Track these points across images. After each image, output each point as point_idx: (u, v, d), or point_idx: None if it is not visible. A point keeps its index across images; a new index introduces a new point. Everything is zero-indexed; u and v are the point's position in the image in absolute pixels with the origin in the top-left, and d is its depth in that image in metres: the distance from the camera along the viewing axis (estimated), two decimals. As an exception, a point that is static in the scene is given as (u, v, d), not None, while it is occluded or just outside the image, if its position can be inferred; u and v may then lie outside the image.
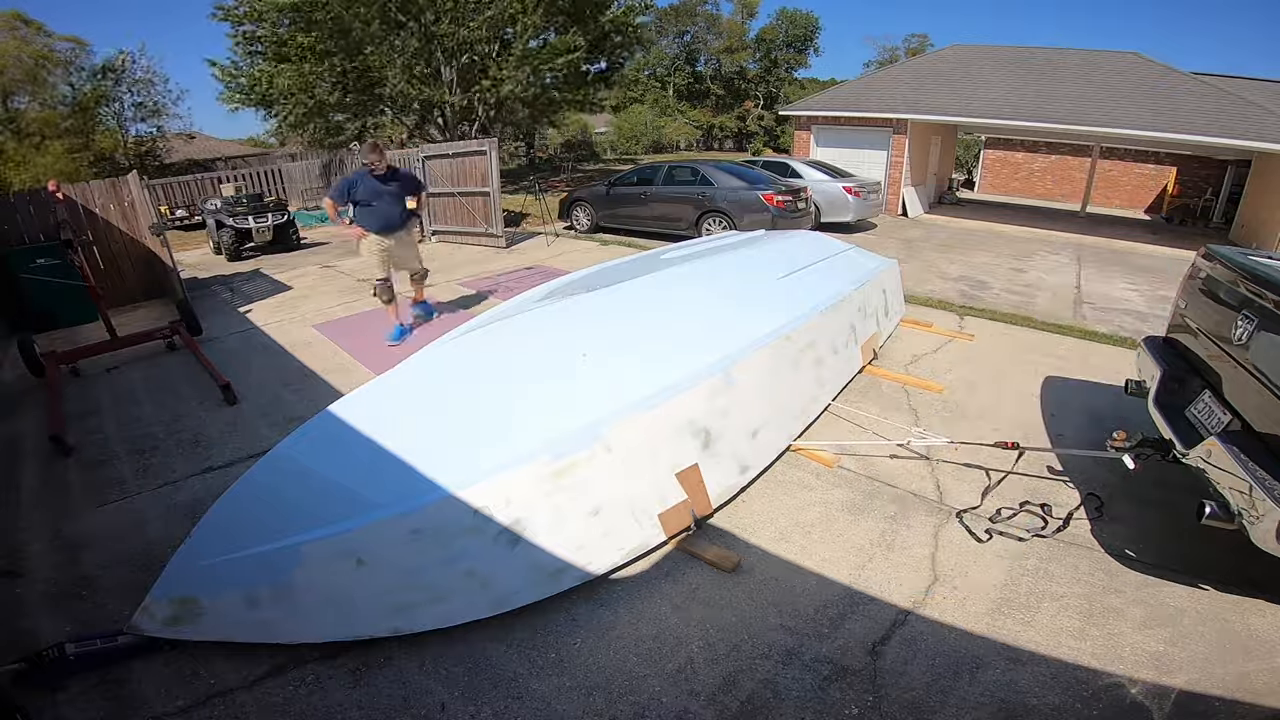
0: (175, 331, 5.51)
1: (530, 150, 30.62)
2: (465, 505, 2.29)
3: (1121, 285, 7.92)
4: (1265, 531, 2.04)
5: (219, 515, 2.41)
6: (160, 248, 7.39)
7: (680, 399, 2.83)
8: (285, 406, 4.26)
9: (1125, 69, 13.03)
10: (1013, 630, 2.30)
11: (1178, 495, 3.01)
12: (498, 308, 3.99)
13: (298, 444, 2.64)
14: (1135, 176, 19.66)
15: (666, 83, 42.96)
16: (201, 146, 24.69)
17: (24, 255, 6.36)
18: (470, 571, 2.27)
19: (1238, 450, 2.26)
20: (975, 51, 15.64)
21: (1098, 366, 4.87)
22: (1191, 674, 2.10)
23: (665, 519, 2.69)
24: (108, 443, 3.89)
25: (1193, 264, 3.21)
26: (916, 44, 42.92)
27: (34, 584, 2.63)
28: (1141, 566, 2.63)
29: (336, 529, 2.23)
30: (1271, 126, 10.28)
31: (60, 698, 2.05)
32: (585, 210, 11.18)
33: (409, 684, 2.09)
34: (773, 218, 8.78)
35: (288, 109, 13.88)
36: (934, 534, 2.85)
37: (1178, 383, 2.99)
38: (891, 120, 13.42)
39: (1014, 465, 3.33)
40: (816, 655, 2.19)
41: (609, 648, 2.24)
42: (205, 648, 2.18)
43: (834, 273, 4.78)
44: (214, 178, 14.33)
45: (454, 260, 9.20)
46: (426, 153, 10.78)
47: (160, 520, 3.03)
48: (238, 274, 8.98)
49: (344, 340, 5.65)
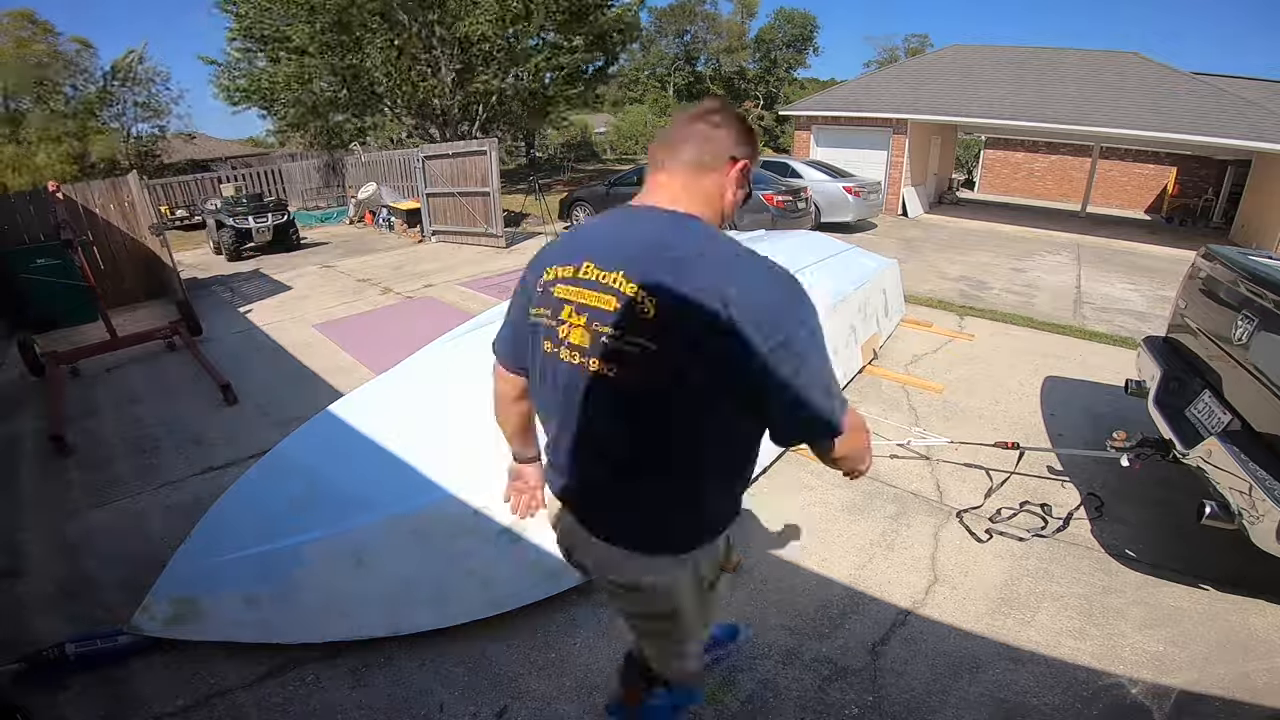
0: (175, 331, 5.51)
1: (530, 150, 30.64)
2: (465, 505, 2.29)
3: (1121, 285, 7.92)
4: (1265, 531, 2.04)
5: (219, 515, 2.41)
6: (160, 248, 7.39)
7: (680, 399, 2.83)
8: (285, 406, 4.26)
9: (1125, 69, 13.03)
10: (1013, 630, 2.30)
11: (1178, 495, 3.01)
12: (498, 308, 3.99)
13: (298, 444, 2.64)
14: (1135, 176, 19.66)
15: (666, 83, 42.98)
16: (202, 147, 24.69)
17: (24, 255, 6.36)
18: (470, 571, 2.27)
19: (1238, 450, 2.26)
20: (975, 51, 15.64)
21: (1098, 366, 4.87)
22: (1191, 674, 2.10)
23: (665, 519, 2.68)
24: (108, 443, 3.89)
25: (1193, 264, 3.20)
26: (916, 44, 42.96)
27: (34, 584, 2.63)
28: (1141, 566, 2.63)
29: (336, 529, 2.23)
30: (1271, 126, 10.29)
31: (60, 698, 2.05)
32: (585, 210, 11.19)
33: (409, 684, 2.09)
34: (773, 218, 8.79)
35: (286, 108, 13.88)
36: (934, 534, 2.85)
37: (1178, 383, 2.99)
38: (891, 120, 13.42)
39: (1015, 466, 3.34)
40: (816, 655, 2.19)
41: (609, 648, 2.23)
42: (205, 648, 2.18)
43: (834, 272, 4.77)
44: (214, 178, 14.33)
45: (454, 260, 9.20)
46: (426, 153, 10.79)
47: (160, 520, 3.03)
48: (238, 274, 8.98)
49: (344, 340, 5.65)
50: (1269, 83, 14.43)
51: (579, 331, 1.07)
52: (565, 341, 1.09)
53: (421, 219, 11.02)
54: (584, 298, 1.06)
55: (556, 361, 1.12)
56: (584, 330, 1.06)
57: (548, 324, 1.12)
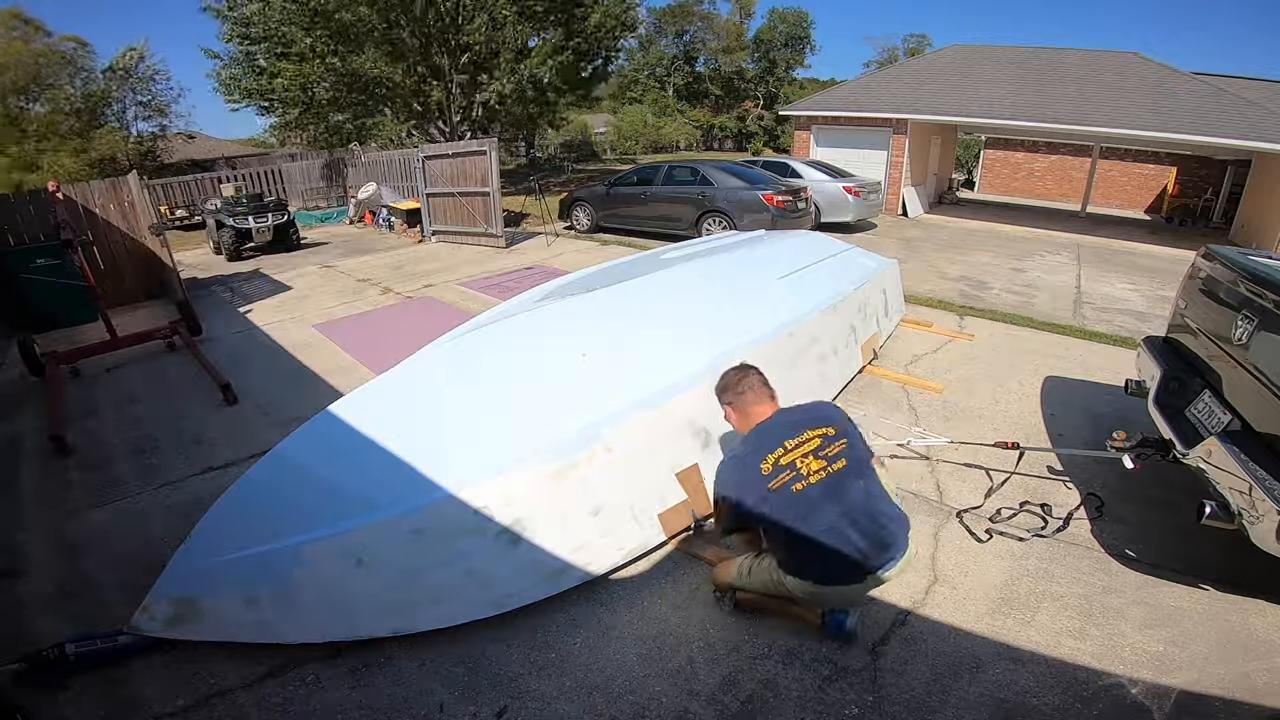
0: (175, 331, 5.51)
1: (530, 150, 30.65)
2: (465, 505, 2.29)
3: (1121, 285, 7.92)
4: (1265, 531, 2.04)
5: (219, 515, 2.41)
6: (160, 248, 7.40)
7: (680, 399, 2.83)
8: (285, 406, 4.26)
9: (1125, 69, 13.03)
10: (1013, 630, 2.30)
11: (1178, 495, 3.01)
12: (498, 308, 3.99)
13: (298, 444, 2.64)
14: (1135, 176, 19.66)
15: (666, 83, 42.99)
16: (202, 146, 24.72)
17: (24, 255, 6.36)
18: (470, 571, 2.27)
19: (1238, 450, 2.26)
20: (975, 51, 15.64)
21: (1098, 366, 4.87)
22: (1191, 674, 2.10)
23: (665, 519, 2.69)
24: (108, 443, 3.89)
25: (1193, 264, 3.20)
26: (916, 44, 43.01)
27: (34, 584, 2.63)
28: (1141, 566, 2.63)
29: (336, 529, 2.23)
30: (1271, 126, 10.29)
31: (60, 698, 2.05)
32: (585, 210, 11.19)
33: (409, 684, 2.09)
34: (773, 218, 8.78)
35: (286, 108, 13.88)
36: (934, 534, 2.85)
37: (1178, 383, 2.99)
38: (891, 120, 13.42)
39: (1015, 466, 3.34)
40: (816, 655, 2.19)
41: (609, 648, 2.24)
42: (205, 648, 2.18)
43: (834, 273, 4.77)
44: (214, 178, 14.34)
45: (454, 260, 9.20)
46: (426, 153, 10.79)
47: (160, 520, 3.03)
48: (238, 274, 8.98)
49: (344, 340, 5.65)
50: (1269, 83, 14.44)
51: (812, 461, 2.03)
52: (807, 475, 2.01)
53: (421, 219, 11.02)
54: (800, 449, 2.03)
55: (807, 485, 2.00)
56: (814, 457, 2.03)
57: (786, 479, 2.00)
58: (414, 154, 11.21)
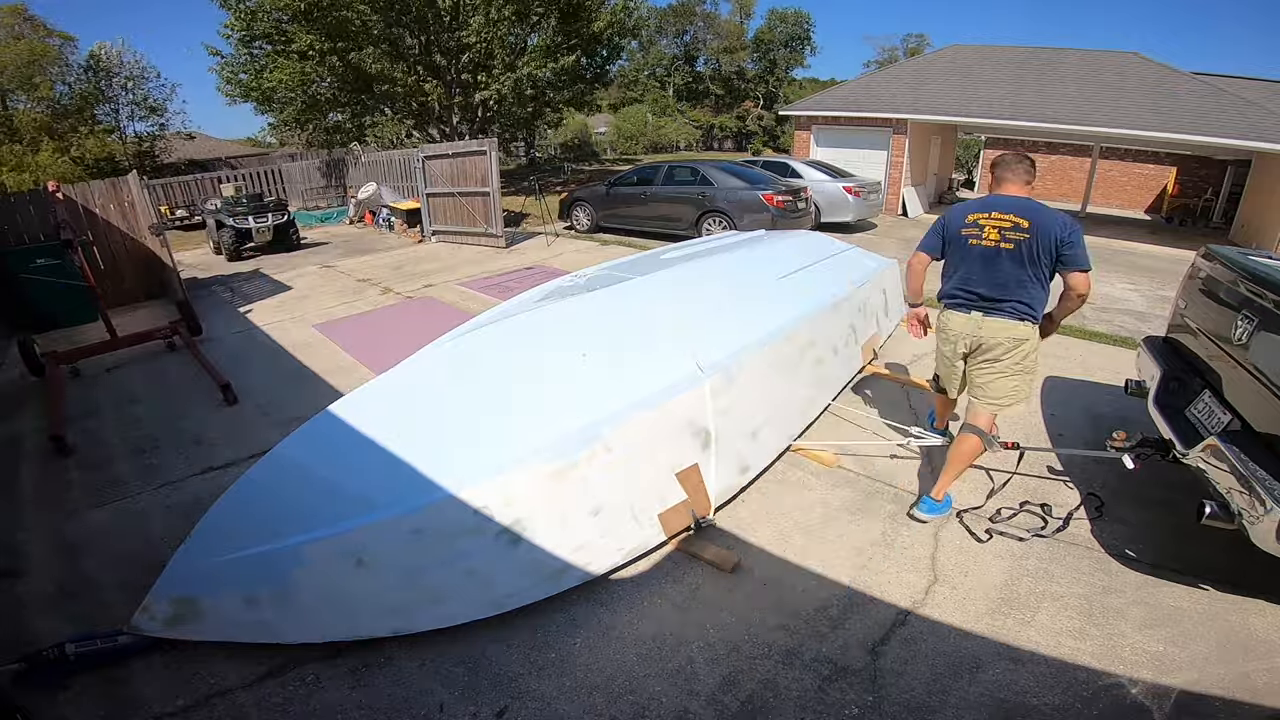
0: (175, 331, 5.51)
1: (530, 151, 30.64)
2: (465, 505, 2.29)
3: (1121, 285, 7.91)
4: (1265, 531, 2.04)
5: (219, 515, 2.41)
6: (160, 248, 7.40)
7: (680, 399, 2.83)
8: (285, 406, 4.26)
9: (1125, 69, 13.02)
10: (1013, 630, 2.30)
11: (1178, 495, 3.01)
12: (498, 308, 3.99)
13: (298, 444, 2.64)
14: (1135, 176, 19.65)
15: (666, 83, 42.99)
16: (201, 146, 24.71)
17: (24, 255, 6.36)
18: (470, 571, 2.27)
19: (1238, 450, 2.26)
20: (975, 51, 15.64)
21: (1098, 366, 4.87)
22: (1191, 674, 2.10)
23: (665, 519, 2.69)
24: (108, 443, 3.89)
25: (1193, 264, 3.21)
26: (916, 44, 43.02)
27: (34, 584, 2.63)
28: (1141, 566, 2.63)
29: (336, 529, 2.23)
30: (1271, 126, 10.28)
31: (60, 698, 2.05)
32: (585, 210, 11.19)
33: (409, 684, 2.09)
34: (773, 218, 8.78)
35: (285, 106, 13.87)
36: (934, 534, 2.85)
37: (1178, 383, 2.99)
38: (891, 120, 13.42)
39: (1016, 466, 3.34)
40: (816, 655, 2.19)
41: (609, 648, 2.24)
42: (205, 648, 2.18)
43: (834, 273, 4.77)
44: (214, 178, 14.34)
45: (454, 260, 9.21)
46: (426, 153, 10.79)
47: (160, 520, 3.03)
48: (238, 274, 8.98)
49: (344, 340, 5.65)
50: (1269, 83, 14.42)
51: (993, 233, 2.68)
52: (984, 238, 2.70)
53: (421, 219, 11.02)
54: (995, 221, 2.68)
55: (981, 245, 2.71)
56: (997, 231, 2.67)
57: (972, 233, 2.73)
58: (414, 154, 11.22)
